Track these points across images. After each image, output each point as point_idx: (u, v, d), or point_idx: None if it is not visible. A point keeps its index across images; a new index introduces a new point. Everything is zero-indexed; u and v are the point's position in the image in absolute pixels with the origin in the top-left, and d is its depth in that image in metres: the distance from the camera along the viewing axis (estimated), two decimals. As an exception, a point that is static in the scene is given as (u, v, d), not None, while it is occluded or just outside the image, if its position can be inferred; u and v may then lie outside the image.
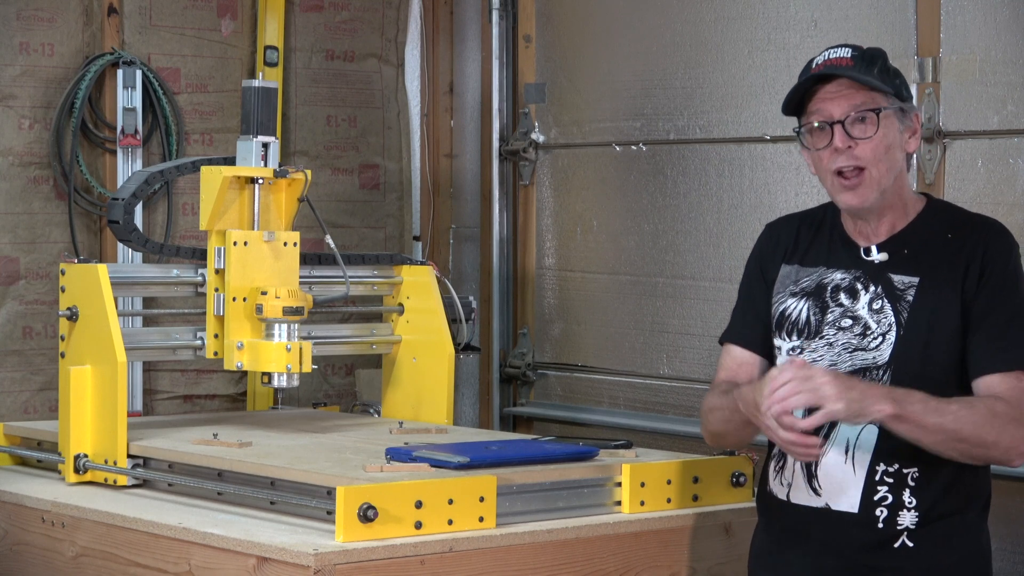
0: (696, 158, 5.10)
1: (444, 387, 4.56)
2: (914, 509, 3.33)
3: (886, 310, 3.36)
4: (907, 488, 3.33)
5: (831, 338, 3.40)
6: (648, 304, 5.24)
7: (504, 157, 5.67)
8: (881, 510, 3.34)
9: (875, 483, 3.34)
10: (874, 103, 3.31)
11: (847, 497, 3.36)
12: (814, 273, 3.47)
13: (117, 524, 3.74)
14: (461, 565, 3.47)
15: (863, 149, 3.31)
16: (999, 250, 3.33)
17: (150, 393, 5.34)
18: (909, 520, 3.33)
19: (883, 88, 3.32)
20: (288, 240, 4.32)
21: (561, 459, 3.82)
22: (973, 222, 3.41)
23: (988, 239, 3.35)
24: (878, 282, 3.38)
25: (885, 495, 3.34)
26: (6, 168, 5.10)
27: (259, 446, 4.05)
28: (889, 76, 3.35)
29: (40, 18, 5.14)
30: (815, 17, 4.74)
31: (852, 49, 3.35)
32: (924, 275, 3.34)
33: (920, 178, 4.46)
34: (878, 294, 3.37)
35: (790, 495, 3.44)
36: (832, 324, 3.41)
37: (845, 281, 3.42)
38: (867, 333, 3.37)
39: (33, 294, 5.14)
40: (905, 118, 3.35)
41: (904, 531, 3.33)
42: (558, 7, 5.55)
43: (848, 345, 3.38)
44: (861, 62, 3.33)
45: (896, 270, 3.37)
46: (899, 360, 3.33)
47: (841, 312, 3.40)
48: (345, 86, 5.71)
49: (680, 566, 3.79)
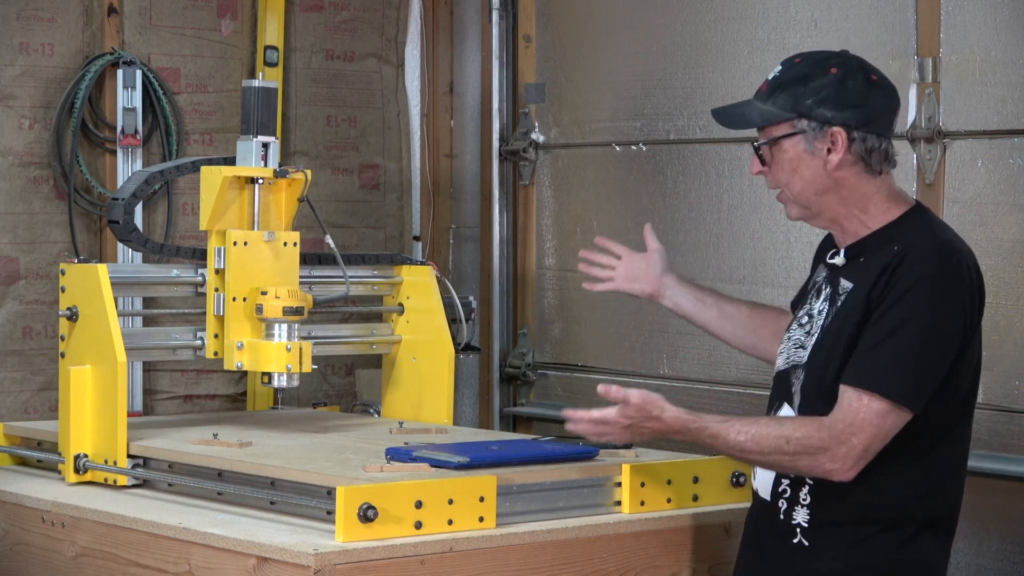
0: (696, 158, 5.10)
1: (444, 387, 4.56)
2: (807, 507, 3.39)
3: (824, 312, 3.43)
4: (805, 485, 3.39)
5: (791, 332, 3.52)
6: (648, 304, 5.20)
7: (504, 157, 5.67)
8: (782, 502, 3.44)
9: (780, 474, 3.43)
10: (768, 135, 3.42)
11: (764, 484, 3.48)
12: (814, 273, 3.59)
13: (117, 524, 3.74)
14: (461, 565, 3.47)
15: (774, 174, 3.45)
16: (913, 268, 3.28)
17: (150, 393, 5.34)
18: (802, 517, 3.40)
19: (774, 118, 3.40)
20: (288, 240, 4.33)
21: (561, 459, 3.82)
22: (911, 240, 3.35)
23: (912, 256, 3.30)
24: (832, 285, 3.45)
25: (786, 488, 3.43)
26: (6, 168, 5.10)
27: (259, 446, 4.05)
28: (798, 97, 3.37)
29: (40, 18, 5.14)
30: (815, 17, 4.74)
31: (782, 68, 3.43)
32: (857, 282, 3.38)
33: (920, 178, 4.46)
34: (827, 296, 3.44)
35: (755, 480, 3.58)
36: (797, 320, 3.52)
37: (819, 281, 3.51)
38: (811, 332, 3.44)
39: (33, 294, 5.14)
40: (815, 138, 3.38)
41: (798, 527, 3.40)
42: (558, 7, 5.55)
43: (797, 342, 3.48)
44: (771, 86, 3.42)
45: (844, 275, 3.43)
46: (811, 361, 3.41)
47: (805, 310, 3.51)
48: (345, 86, 5.71)
49: (680, 566, 3.79)
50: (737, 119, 3.49)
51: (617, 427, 3.42)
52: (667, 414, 3.39)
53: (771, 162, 3.44)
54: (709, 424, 3.38)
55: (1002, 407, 4.31)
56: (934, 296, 3.27)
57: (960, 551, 4.37)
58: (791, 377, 3.45)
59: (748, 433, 3.33)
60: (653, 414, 3.38)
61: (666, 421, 3.39)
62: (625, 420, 3.40)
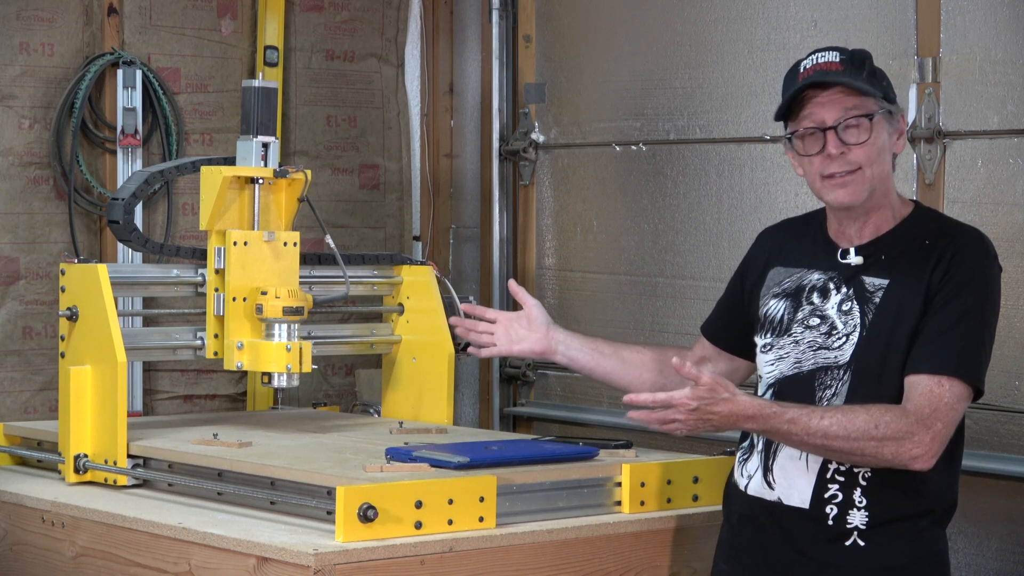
0: (696, 158, 5.10)
1: (444, 387, 4.56)
2: (864, 509, 3.34)
3: (854, 311, 3.39)
4: (858, 487, 3.35)
5: (798, 336, 3.45)
6: (648, 304, 5.24)
7: (504, 157, 5.67)
8: (831, 508, 3.37)
9: (826, 480, 3.37)
10: (866, 108, 3.33)
11: (799, 493, 3.39)
12: (796, 274, 3.51)
13: (117, 524, 3.74)
14: (461, 565, 3.47)
15: (857, 154, 3.33)
16: (967, 256, 3.32)
17: (150, 393, 5.34)
18: (859, 520, 3.35)
19: (873, 92, 3.34)
20: (288, 240, 4.32)
21: (561, 459, 3.82)
22: (953, 230, 3.40)
23: (960, 243, 3.34)
24: (851, 284, 3.41)
25: (835, 493, 3.37)
26: (6, 168, 5.10)
27: (259, 446, 4.05)
28: (876, 79, 3.37)
29: (40, 18, 5.14)
30: (815, 17, 4.74)
31: (839, 52, 3.37)
32: (894, 279, 3.36)
33: (920, 178, 4.46)
34: (849, 296, 3.40)
35: (748, 486, 3.49)
36: (800, 322, 3.45)
37: (820, 282, 3.46)
38: (832, 333, 3.40)
39: (33, 294, 5.14)
40: (893, 120, 3.38)
41: (855, 530, 3.35)
42: (558, 7, 5.55)
43: (813, 343, 3.42)
44: (850, 66, 3.34)
45: (869, 273, 3.40)
46: (859, 361, 3.35)
47: (810, 311, 3.44)
48: (345, 86, 5.71)
49: (680, 566, 3.79)
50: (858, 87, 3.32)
51: (683, 410, 3.25)
52: (740, 396, 3.25)
53: (870, 136, 3.32)
54: (788, 408, 3.26)
55: (1002, 407, 4.31)
56: (990, 284, 3.33)
57: (960, 551, 4.37)
58: (816, 380, 3.40)
59: (833, 418, 3.22)
60: (723, 396, 3.24)
61: (739, 403, 3.24)
62: (692, 402, 3.24)
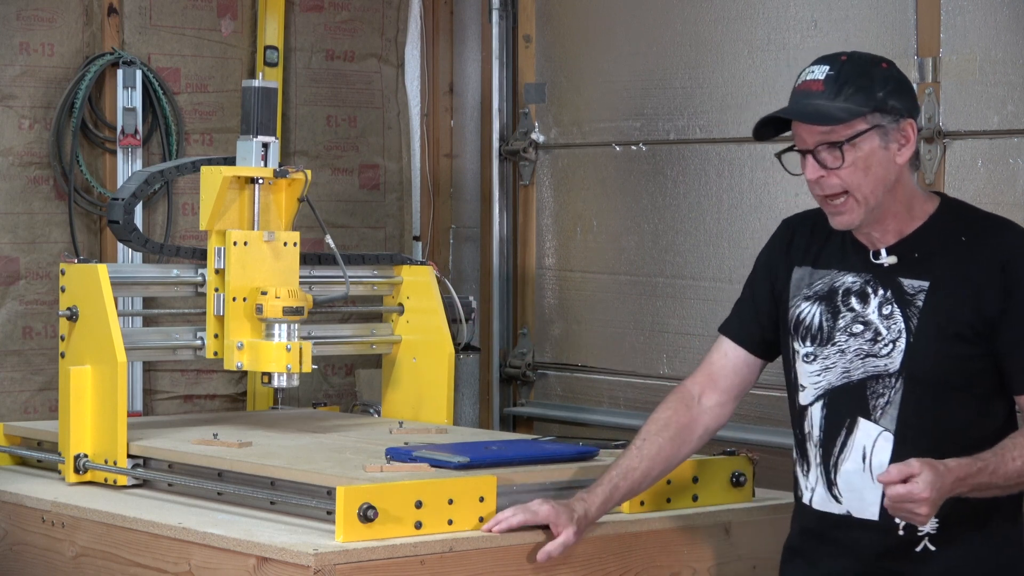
0: (696, 158, 5.10)
1: (444, 387, 4.56)
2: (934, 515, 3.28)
3: (895, 315, 3.33)
4: None
5: (843, 344, 3.39)
6: (648, 304, 5.24)
7: (504, 157, 5.67)
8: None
9: None
10: (836, 135, 3.25)
11: (867, 505, 3.35)
12: (826, 276, 3.45)
13: (117, 524, 3.74)
14: (461, 565, 3.46)
15: (840, 176, 3.27)
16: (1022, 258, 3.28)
17: (150, 393, 5.34)
18: (930, 526, 3.31)
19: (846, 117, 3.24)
20: (288, 240, 4.32)
21: (561, 459, 3.82)
22: (988, 225, 3.35)
23: (1008, 245, 3.29)
24: (888, 286, 3.35)
25: None
26: (6, 168, 5.10)
27: (259, 446, 4.05)
28: (868, 92, 3.26)
29: (40, 18, 5.14)
30: (815, 17, 4.74)
31: (830, 66, 3.28)
32: (935, 279, 3.31)
33: (920, 178, 4.46)
34: (887, 298, 3.34)
35: (812, 499, 3.44)
36: (844, 330, 3.39)
37: (856, 285, 3.39)
38: (878, 339, 3.34)
39: (33, 294, 5.14)
40: (890, 132, 3.28)
41: (925, 536, 3.32)
42: (558, 7, 5.55)
43: (860, 351, 3.36)
44: (833, 84, 3.26)
45: (906, 274, 3.34)
46: (909, 368, 3.30)
47: (852, 317, 3.38)
48: (345, 86, 5.71)
49: (680, 566, 3.79)
50: (814, 116, 3.26)
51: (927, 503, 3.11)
52: (949, 463, 3.15)
53: (842, 163, 3.25)
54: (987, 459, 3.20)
55: (1002, 407, 4.31)
56: None
57: None
58: (868, 389, 3.34)
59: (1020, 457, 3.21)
60: (940, 469, 3.13)
61: (952, 469, 3.15)
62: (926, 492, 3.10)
